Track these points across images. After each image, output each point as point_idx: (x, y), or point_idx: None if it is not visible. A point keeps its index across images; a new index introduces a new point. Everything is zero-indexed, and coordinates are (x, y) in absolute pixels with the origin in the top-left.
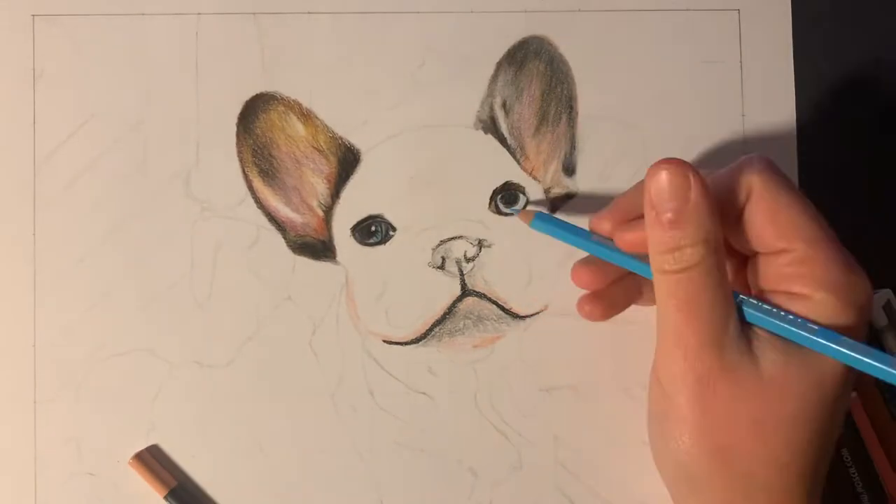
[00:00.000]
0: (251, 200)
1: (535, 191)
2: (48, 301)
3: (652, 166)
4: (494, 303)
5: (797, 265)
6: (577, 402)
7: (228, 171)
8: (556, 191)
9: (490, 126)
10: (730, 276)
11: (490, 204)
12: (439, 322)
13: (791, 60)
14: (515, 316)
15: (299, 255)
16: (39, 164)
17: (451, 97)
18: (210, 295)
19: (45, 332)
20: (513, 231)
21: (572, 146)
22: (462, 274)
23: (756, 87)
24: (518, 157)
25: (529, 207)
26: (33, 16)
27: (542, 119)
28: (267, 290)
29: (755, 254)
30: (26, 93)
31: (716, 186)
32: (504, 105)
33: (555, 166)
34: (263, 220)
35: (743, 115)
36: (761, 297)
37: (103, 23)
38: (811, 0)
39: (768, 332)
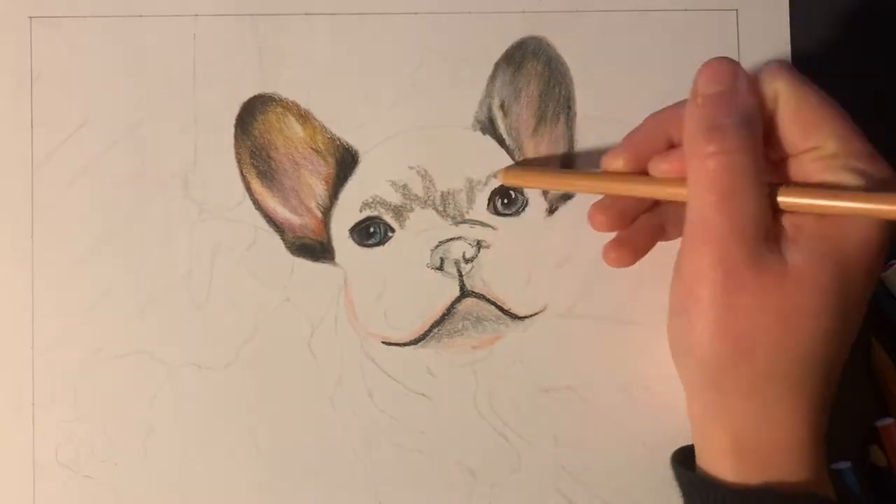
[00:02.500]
0: (249, 202)
1: (533, 191)
2: (46, 303)
3: (709, 61)
4: (493, 304)
5: (829, 158)
6: (576, 403)
7: (226, 172)
8: (555, 191)
9: (488, 127)
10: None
11: (488, 205)
12: (438, 323)
13: (789, 60)
14: (514, 317)
15: (298, 256)
16: (37, 166)
17: (449, 98)
18: (208, 297)
19: (43, 335)
20: (511, 232)
21: (570, 146)
22: (461, 275)
23: None
24: (516, 157)
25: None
26: (30, 18)
27: (541, 119)
28: (265, 291)
29: (784, 158)
30: (24, 95)
31: None
32: (502, 106)
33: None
34: (261, 221)
35: None
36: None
37: (101, 25)
38: (809, 0)
39: (794, 225)
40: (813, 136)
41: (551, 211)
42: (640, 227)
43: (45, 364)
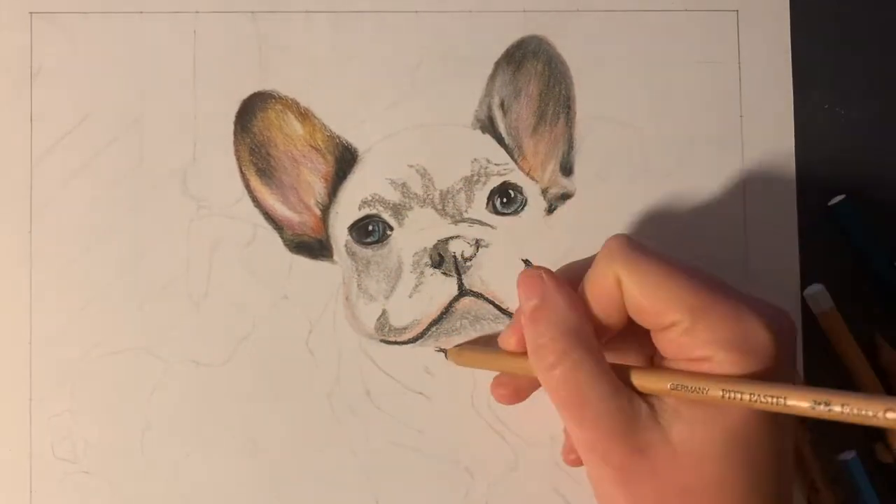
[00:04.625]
0: (248, 199)
1: (532, 190)
2: (45, 299)
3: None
4: (491, 303)
5: (688, 335)
6: None
7: (225, 169)
8: (554, 190)
9: (488, 126)
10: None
11: (487, 204)
12: (436, 322)
13: (789, 61)
14: (512, 316)
15: (296, 254)
16: (36, 161)
17: (449, 97)
18: (206, 293)
19: (41, 330)
20: (510, 231)
21: (570, 146)
22: (459, 274)
23: (754, 87)
24: (516, 156)
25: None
26: (31, 13)
27: (540, 119)
28: (263, 288)
29: (661, 330)
30: (24, 90)
31: (584, 283)
32: (502, 105)
33: (552, 166)
34: (260, 218)
35: (741, 116)
36: (677, 371)
37: (101, 21)
38: (809, 1)
39: (671, 399)
40: (666, 313)
41: (550, 210)
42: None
43: (43, 359)
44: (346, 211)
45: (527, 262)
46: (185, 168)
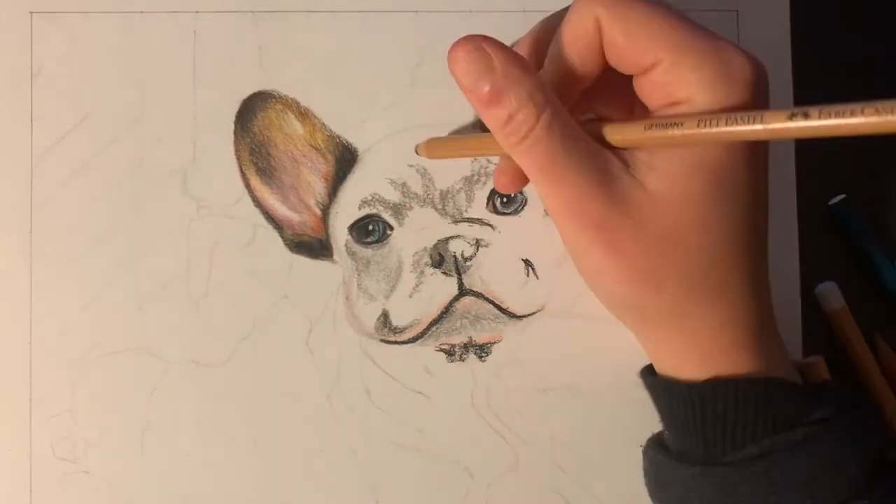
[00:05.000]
0: (248, 199)
1: (533, 189)
2: (45, 299)
3: (448, 51)
4: (491, 302)
5: (671, 73)
6: (574, 403)
7: (225, 169)
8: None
9: None
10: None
11: (487, 203)
12: (436, 321)
13: (789, 61)
14: (513, 316)
15: (296, 253)
16: (36, 161)
17: (450, 96)
18: (206, 293)
19: (41, 330)
20: (510, 231)
21: None
22: (459, 273)
23: None
24: None
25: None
26: (31, 13)
27: None
28: (264, 288)
29: (638, 75)
30: (24, 90)
31: (561, 29)
32: None
33: None
34: (260, 218)
35: None
36: (651, 116)
37: (101, 20)
38: (810, 1)
39: (642, 153)
40: (648, 52)
41: None
42: None
43: (43, 359)
44: (347, 211)
45: (527, 262)
46: (185, 168)
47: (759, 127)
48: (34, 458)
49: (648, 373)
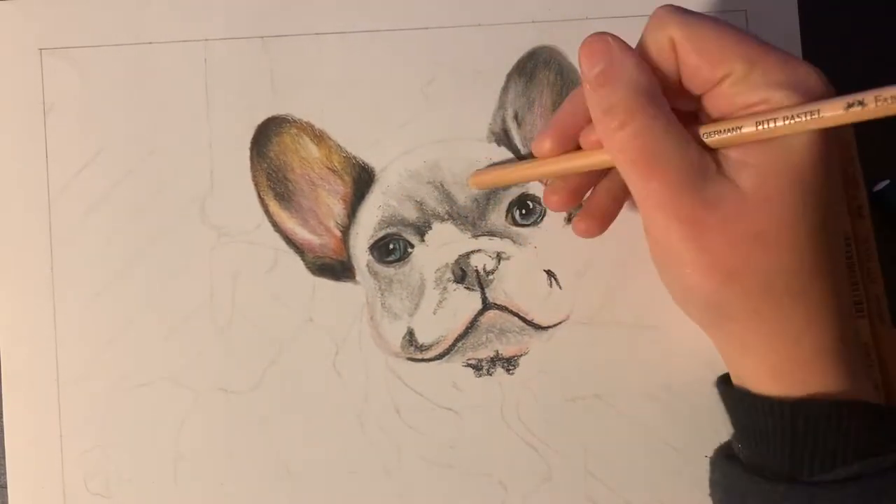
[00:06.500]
0: (268, 224)
1: None
2: (69, 335)
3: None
4: (516, 315)
5: (743, 82)
6: (603, 410)
7: (244, 196)
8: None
9: (503, 138)
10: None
11: (507, 216)
12: (462, 337)
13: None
14: (538, 327)
15: (319, 276)
16: (54, 198)
17: (463, 111)
18: (231, 321)
19: (67, 367)
20: (531, 242)
21: None
22: (482, 288)
23: None
24: None
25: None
26: (40, 49)
27: None
28: (288, 313)
29: (706, 93)
30: (37, 127)
31: (644, 50)
32: (516, 116)
33: None
34: (281, 243)
35: None
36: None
37: (111, 53)
38: (818, 0)
39: (735, 152)
40: (720, 65)
41: (569, 219)
42: (600, 194)
43: (70, 395)
44: (366, 231)
45: (549, 272)
46: (203, 197)
47: (817, 117)
48: (67, 496)
49: (723, 382)
